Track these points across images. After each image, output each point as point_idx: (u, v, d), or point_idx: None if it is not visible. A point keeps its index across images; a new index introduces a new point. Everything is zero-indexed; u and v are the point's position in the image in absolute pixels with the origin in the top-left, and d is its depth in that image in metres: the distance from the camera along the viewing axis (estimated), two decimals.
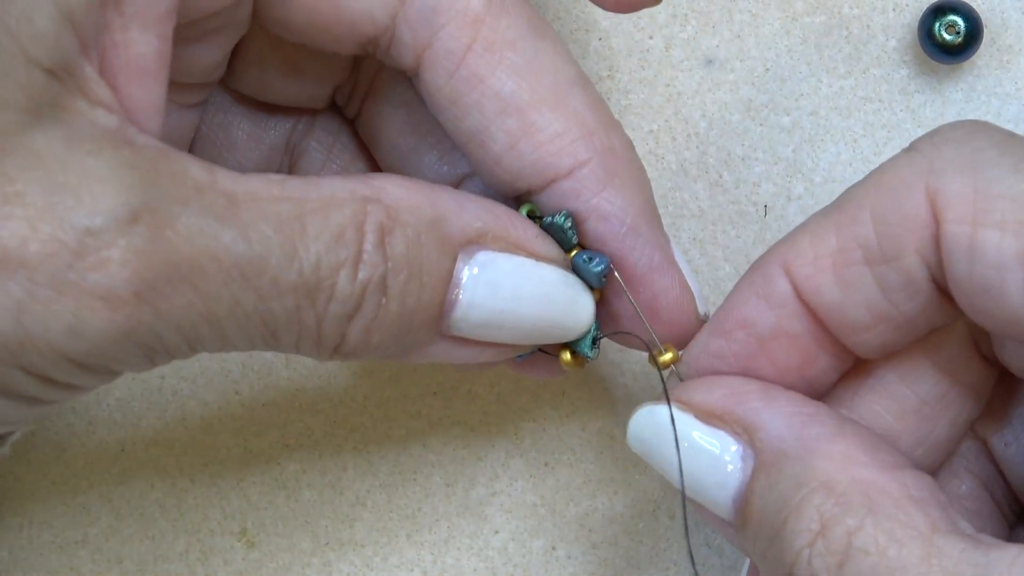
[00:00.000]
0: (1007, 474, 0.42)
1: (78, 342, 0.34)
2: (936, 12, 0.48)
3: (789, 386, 0.40)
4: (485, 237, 0.39)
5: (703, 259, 0.49)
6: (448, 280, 0.39)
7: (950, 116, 0.49)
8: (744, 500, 0.38)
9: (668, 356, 0.41)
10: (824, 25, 0.49)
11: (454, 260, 0.39)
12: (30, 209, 0.34)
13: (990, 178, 0.37)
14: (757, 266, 0.40)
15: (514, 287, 0.40)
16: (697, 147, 0.49)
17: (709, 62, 0.49)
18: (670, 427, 0.40)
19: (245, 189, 0.36)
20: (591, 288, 0.41)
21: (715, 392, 0.40)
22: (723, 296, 0.49)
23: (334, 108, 0.45)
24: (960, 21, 0.47)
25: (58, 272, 0.34)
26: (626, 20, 0.49)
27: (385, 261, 0.38)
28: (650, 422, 0.40)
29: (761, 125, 0.49)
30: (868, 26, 0.49)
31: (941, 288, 0.38)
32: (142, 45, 0.36)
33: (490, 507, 0.49)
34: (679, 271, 0.42)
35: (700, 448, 0.39)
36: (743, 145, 0.49)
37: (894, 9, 0.49)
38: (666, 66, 0.49)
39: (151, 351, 0.36)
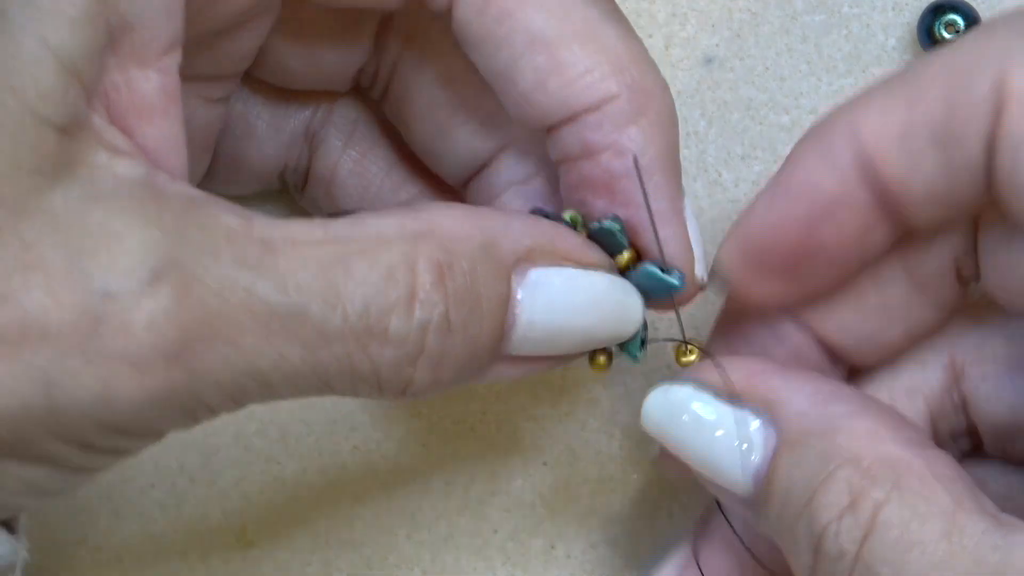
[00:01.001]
0: (972, 406, 0.42)
1: (110, 410, 0.33)
2: (936, 11, 0.47)
3: (849, 253, 0.39)
4: (534, 254, 0.39)
5: None
6: (507, 304, 0.38)
7: None
8: (767, 478, 0.38)
9: (692, 357, 0.41)
10: (824, 24, 0.49)
11: (509, 282, 0.38)
12: (50, 277, 0.33)
13: None
14: (821, 128, 0.39)
15: (568, 300, 0.39)
16: (696, 146, 0.49)
17: (708, 61, 0.49)
18: (684, 407, 0.39)
19: (284, 234, 0.35)
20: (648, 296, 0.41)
21: (734, 371, 0.39)
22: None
23: (357, 93, 0.45)
24: (959, 20, 0.47)
25: (82, 341, 0.33)
26: None
27: (446, 299, 0.37)
28: (664, 402, 0.40)
29: (760, 124, 0.49)
30: (868, 25, 0.49)
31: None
32: (143, 83, 0.35)
33: (489, 506, 0.49)
34: (684, 226, 0.41)
35: (720, 425, 0.39)
36: (742, 144, 0.49)
37: (894, 8, 0.49)
38: (665, 65, 0.49)
39: (192, 410, 0.35)
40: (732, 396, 0.39)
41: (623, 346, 0.41)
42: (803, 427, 0.38)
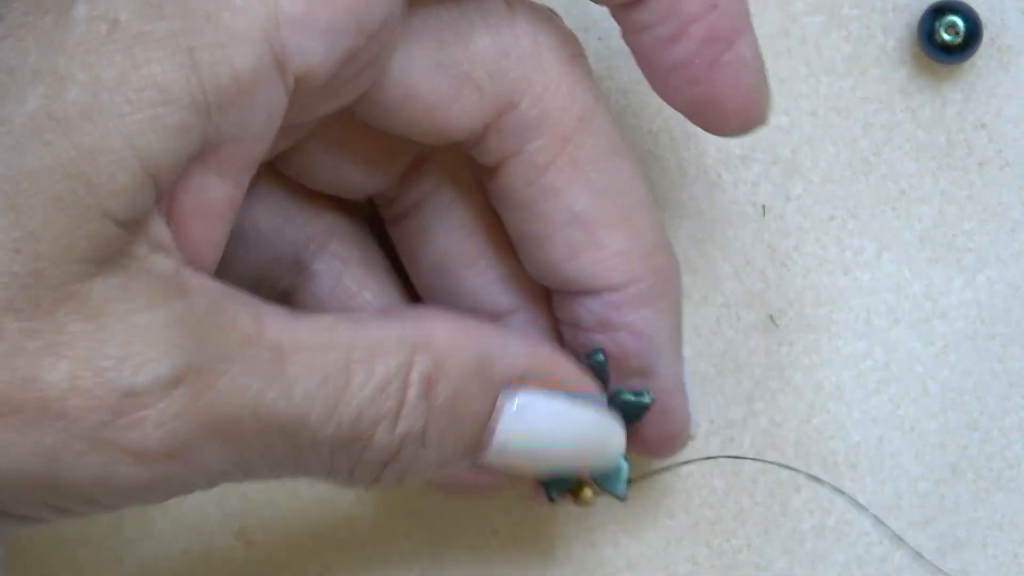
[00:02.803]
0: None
1: (104, 489, 0.35)
2: (936, 12, 0.47)
3: None
4: (528, 377, 0.40)
5: (701, 259, 0.49)
6: (486, 423, 0.39)
7: (949, 116, 0.49)
8: None
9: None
10: (823, 25, 0.49)
11: (495, 401, 0.39)
12: (75, 362, 0.33)
13: None
14: None
15: (550, 429, 0.40)
16: (696, 147, 0.49)
17: None
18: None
19: (293, 337, 0.36)
20: (626, 419, 0.42)
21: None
22: (722, 295, 0.49)
23: (352, 221, 0.44)
24: (960, 22, 0.47)
25: (93, 428, 0.34)
26: None
27: (427, 412, 0.38)
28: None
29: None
30: (868, 26, 0.49)
31: None
32: (216, 191, 0.36)
33: (489, 506, 0.49)
34: (685, 398, 0.43)
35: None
36: (742, 145, 0.49)
37: (893, 10, 0.49)
38: None
39: (173, 493, 0.36)
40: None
41: (605, 483, 0.43)
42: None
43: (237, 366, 0.35)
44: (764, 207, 0.49)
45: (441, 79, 0.38)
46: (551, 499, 0.43)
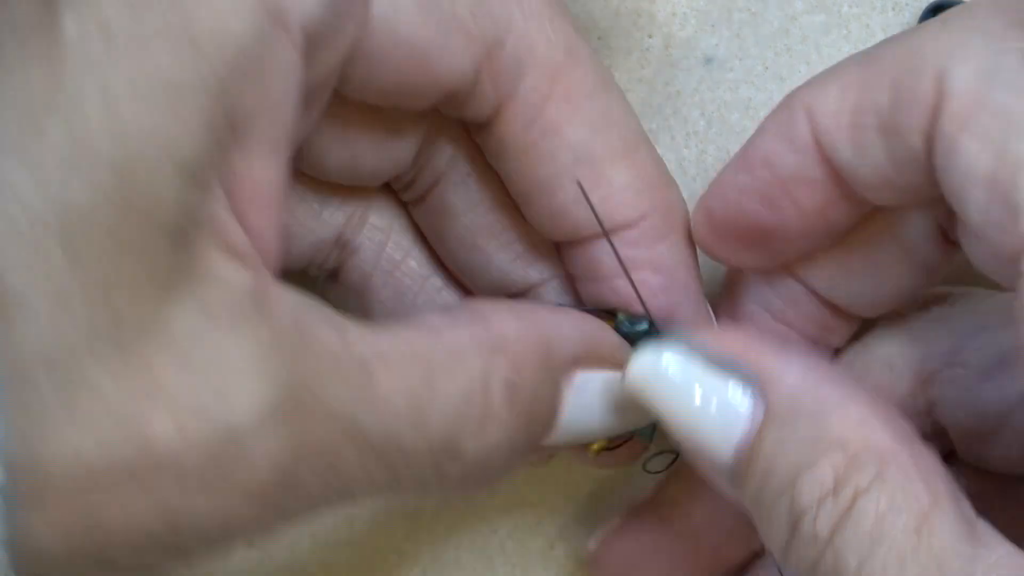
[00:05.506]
0: (940, 411, 0.42)
1: (220, 531, 0.34)
2: (935, 11, 0.48)
3: (810, 228, 0.40)
4: (581, 358, 0.40)
5: (701, 257, 0.49)
6: (556, 408, 0.39)
7: None
8: (749, 451, 0.38)
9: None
10: (823, 24, 0.49)
11: (560, 389, 0.39)
12: (174, 406, 0.32)
13: (997, 86, 0.36)
14: (784, 104, 0.40)
15: (605, 405, 0.40)
16: (696, 146, 0.49)
17: (708, 61, 0.49)
18: (673, 369, 0.39)
19: (375, 351, 0.36)
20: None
21: (729, 340, 0.39)
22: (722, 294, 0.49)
23: (389, 193, 0.44)
24: None
25: (204, 472, 0.33)
26: (625, 19, 0.49)
27: (515, 420, 0.38)
28: (653, 362, 0.39)
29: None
30: (867, 25, 0.49)
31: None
32: (264, 173, 0.35)
33: (489, 506, 0.49)
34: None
35: (709, 390, 0.38)
36: (742, 144, 0.49)
37: (893, 8, 0.49)
38: (665, 65, 0.49)
39: (279, 524, 0.35)
40: (724, 363, 0.38)
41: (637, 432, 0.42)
42: (793, 405, 0.37)
43: (331, 389, 0.34)
44: None
45: (426, 21, 0.38)
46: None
